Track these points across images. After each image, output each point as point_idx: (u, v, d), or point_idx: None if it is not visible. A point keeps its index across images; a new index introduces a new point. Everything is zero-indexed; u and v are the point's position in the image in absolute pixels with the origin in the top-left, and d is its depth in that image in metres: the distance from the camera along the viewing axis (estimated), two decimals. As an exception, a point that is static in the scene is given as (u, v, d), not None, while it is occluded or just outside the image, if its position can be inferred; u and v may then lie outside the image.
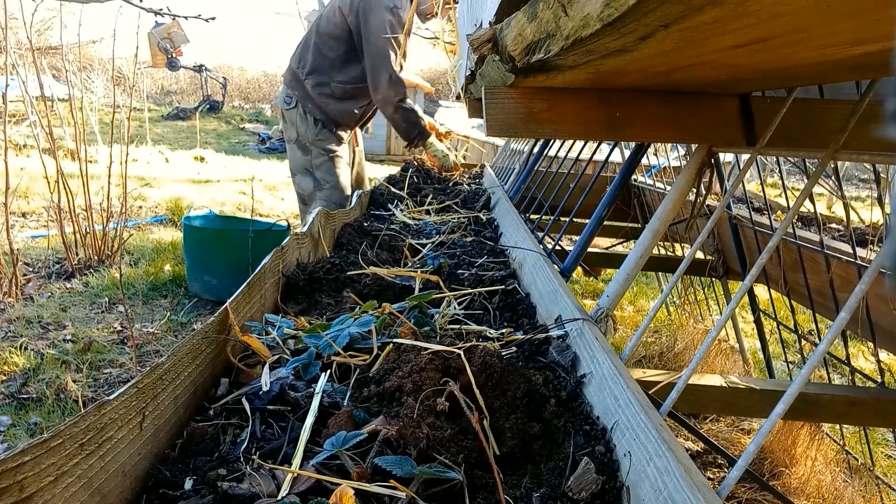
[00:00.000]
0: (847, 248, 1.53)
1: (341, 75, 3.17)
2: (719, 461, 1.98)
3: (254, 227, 3.64)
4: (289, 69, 3.34)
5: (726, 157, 3.78)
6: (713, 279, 2.67)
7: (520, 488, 0.65)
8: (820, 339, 0.84)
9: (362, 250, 1.59)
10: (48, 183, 3.71)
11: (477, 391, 0.78)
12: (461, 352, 0.83)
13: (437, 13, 3.25)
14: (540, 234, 1.65)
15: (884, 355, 2.43)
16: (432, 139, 3.29)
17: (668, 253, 3.19)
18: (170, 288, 3.70)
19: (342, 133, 3.31)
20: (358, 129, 3.58)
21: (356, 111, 3.27)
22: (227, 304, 0.93)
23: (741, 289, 0.85)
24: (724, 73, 0.82)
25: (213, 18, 2.58)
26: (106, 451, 0.59)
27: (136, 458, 0.64)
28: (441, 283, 1.28)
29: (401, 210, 2.31)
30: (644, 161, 3.27)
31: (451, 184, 3.04)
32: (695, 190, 1.18)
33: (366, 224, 1.97)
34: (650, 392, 0.87)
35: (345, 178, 3.30)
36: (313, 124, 3.25)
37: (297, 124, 3.27)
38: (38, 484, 0.50)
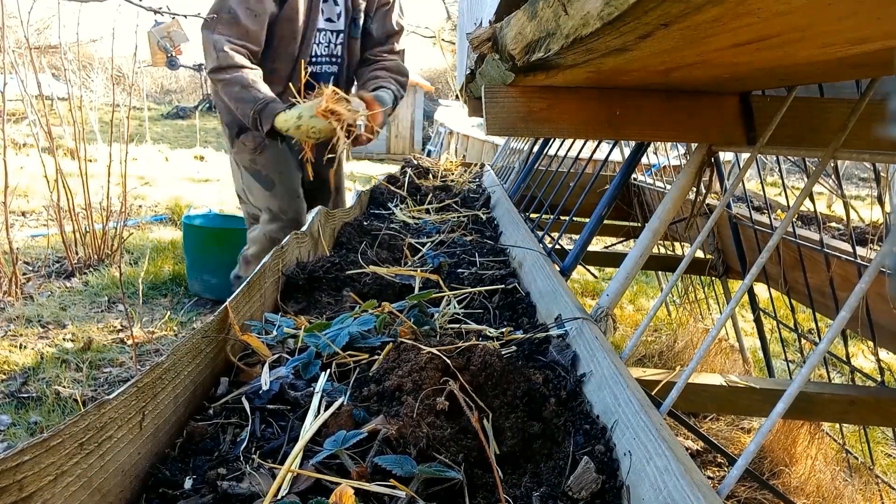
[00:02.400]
0: (847, 246, 1.53)
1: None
2: (719, 460, 1.98)
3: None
4: None
5: (726, 155, 3.78)
6: (713, 278, 2.67)
7: (520, 487, 0.65)
8: (820, 338, 0.84)
9: (362, 249, 1.59)
10: (48, 182, 3.71)
11: (475, 391, 0.78)
12: (461, 351, 0.83)
13: None
14: (540, 233, 1.65)
15: (884, 354, 2.43)
16: (296, 112, 2.00)
17: (668, 252, 3.19)
18: (169, 287, 3.70)
19: (253, 139, 2.37)
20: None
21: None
22: (226, 303, 0.93)
23: (741, 288, 0.85)
24: (724, 71, 0.82)
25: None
26: (106, 450, 0.59)
27: (136, 457, 0.64)
28: (441, 283, 1.28)
29: (400, 209, 2.31)
30: (644, 160, 3.27)
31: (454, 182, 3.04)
32: (695, 189, 1.18)
33: (365, 223, 1.97)
34: (650, 391, 0.87)
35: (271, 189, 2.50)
36: (224, 127, 2.54)
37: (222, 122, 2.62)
38: (38, 483, 0.50)
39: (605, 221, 1.68)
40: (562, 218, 1.96)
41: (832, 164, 1.61)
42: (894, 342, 1.44)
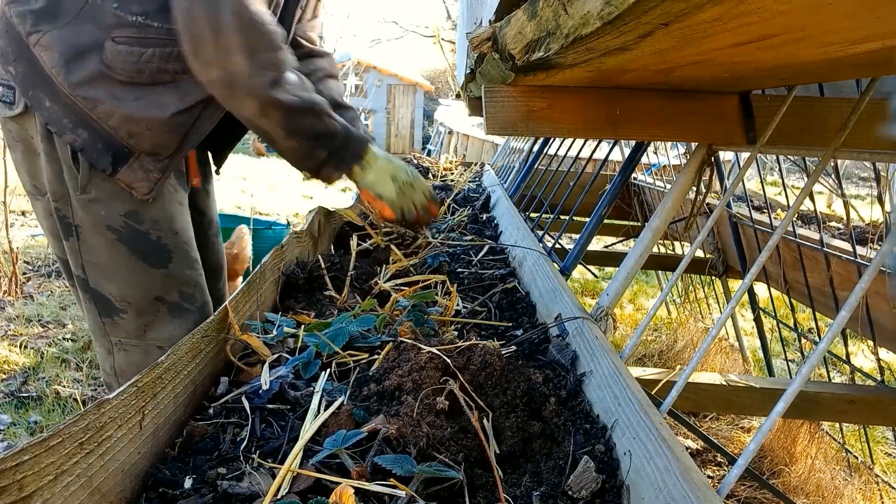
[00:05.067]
0: (847, 246, 1.53)
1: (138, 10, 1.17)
2: (719, 459, 1.98)
3: (253, 225, 3.64)
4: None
5: (726, 155, 3.78)
6: (713, 277, 2.67)
7: (520, 487, 0.65)
8: (820, 338, 0.84)
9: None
10: (48, 181, 3.70)
11: (475, 390, 0.78)
12: (461, 350, 0.83)
13: None
14: (540, 233, 1.65)
15: (883, 353, 2.43)
16: (373, 160, 1.32)
17: (668, 251, 3.19)
18: (169, 286, 3.70)
19: (147, 174, 1.23)
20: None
21: (180, 112, 1.22)
22: (226, 302, 0.93)
23: (741, 287, 0.85)
24: (724, 71, 0.82)
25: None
26: (105, 450, 0.59)
27: (136, 456, 0.64)
28: (448, 282, 1.28)
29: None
30: (644, 159, 3.27)
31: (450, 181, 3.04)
32: (695, 188, 1.18)
33: (365, 222, 1.96)
34: (650, 390, 0.87)
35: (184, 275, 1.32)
36: (69, 159, 1.20)
37: (42, 159, 1.24)
38: (38, 483, 0.50)
39: (605, 221, 1.68)
40: (562, 217, 1.96)
41: (832, 164, 1.61)
42: (894, 341, 1.44)
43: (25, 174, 1.32)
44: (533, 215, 2.05)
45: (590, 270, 3.14)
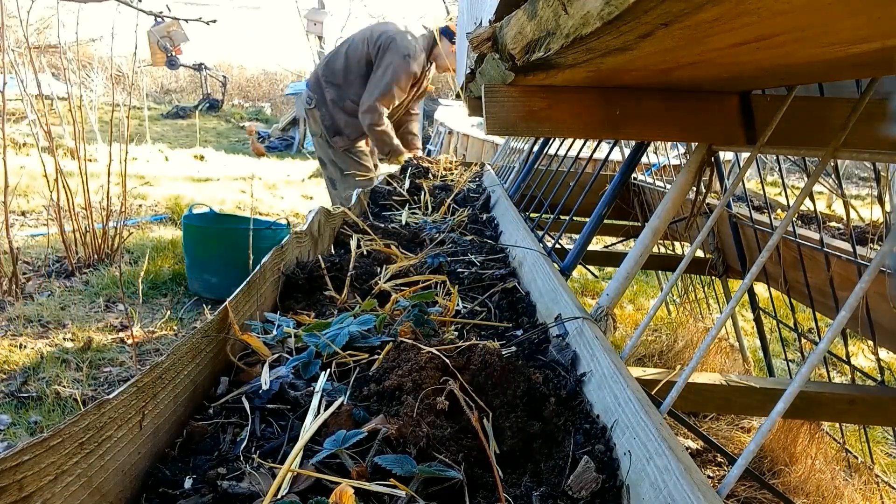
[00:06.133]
0: (847, 246, 1.53)
1: (355, 95, 3.92)
2: (719, 459, 1.98)
3: (253, 225, 3.64)
4: (314, 72, 4.14)
5: (726, 155, 3.78)
6: (713, 277, 2.67)
7: (520, 487, 0.65)
8: (820, 338, 0.84)
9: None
10: (47, 181, 3.70)
11: (475, 390, 0.78)
12: (461, 350, 0.83)
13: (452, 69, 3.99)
14: (540, 233, 1.65)
15: (884, 353, 2.43)
16: (402, 157, 3.88)
17: (668, 251, 3.19)
18: (169, 286, 3.70)
19: (342, 139, 4.07)
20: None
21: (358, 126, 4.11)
22: (226, 302, 0.93)
23: (741, 287, 0.85)
24: (724, 71, 0.82)
25: (214, 21, 2.56)
26: (105, 450, 0.59)
27: (136, 457, 0.64)
28: (440, 282, 1.28)
29: (399, 209, 2.31)
30: (644, 159, 3.27)
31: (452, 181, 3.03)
32: (695, 188, 1.18)
33: (366, 222, 1.96)
34: (650, 390, 0.87)
35: (365, 163, 4.11)
36: (324, 128, 4.05)
37: (319, 123, 4.08)
38: (38, 483, 0.50)
39: (605, 221, 1.68)
40: (562, 217, 1.96)
41: (832, 164, 1.61)
42: (894, 341, 1.44)
43: (310, 127, 4.25)
44: (533, 215, 2.05)
45: (590, 270, 3.14)
